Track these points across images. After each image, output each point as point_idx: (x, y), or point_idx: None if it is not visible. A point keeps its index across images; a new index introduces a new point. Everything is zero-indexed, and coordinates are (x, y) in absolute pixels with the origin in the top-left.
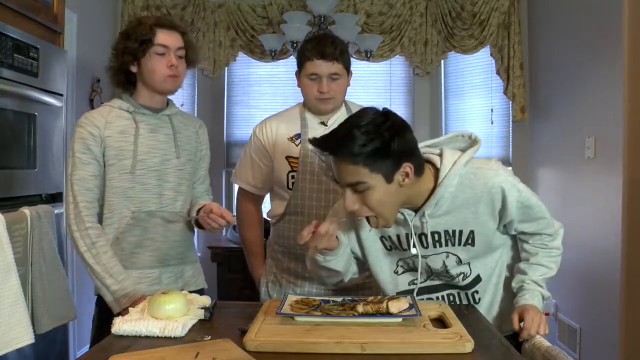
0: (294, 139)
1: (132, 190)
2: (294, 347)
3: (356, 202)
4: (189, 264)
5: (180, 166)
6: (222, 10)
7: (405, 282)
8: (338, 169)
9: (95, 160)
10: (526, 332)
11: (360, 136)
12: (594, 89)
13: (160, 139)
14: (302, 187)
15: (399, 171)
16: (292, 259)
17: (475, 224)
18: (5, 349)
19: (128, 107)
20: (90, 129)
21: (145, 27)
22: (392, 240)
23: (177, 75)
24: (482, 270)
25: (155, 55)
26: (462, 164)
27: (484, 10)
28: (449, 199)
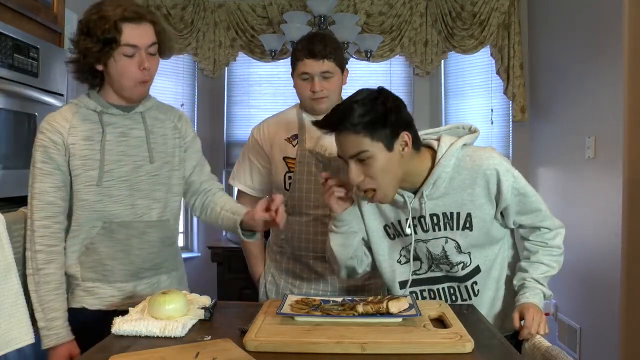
0: (291, 140)
1: (100, 204)
2: (294, 347)
3: (361, 174)
4: (165, 273)
5: (154, 172)
6: (222, 10)
7: (406, 272)
8: (341, 144)
9: (58, 169)
10: (526, 331)
11: (358, 108)
12: (594, 89)
13: (132, 143)
14: (300, 187)
15: (398, 140)
16: (291, 260)
17: (472, 206)
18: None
19: (95, 107)
20: (51, 135)
21: (108, 22)
22: (395, 228)
23: (148, 79)
24: (482, 262)
25: (122, 57)
26: (459, 147)
27: (484, 10)
28: (447, 180)
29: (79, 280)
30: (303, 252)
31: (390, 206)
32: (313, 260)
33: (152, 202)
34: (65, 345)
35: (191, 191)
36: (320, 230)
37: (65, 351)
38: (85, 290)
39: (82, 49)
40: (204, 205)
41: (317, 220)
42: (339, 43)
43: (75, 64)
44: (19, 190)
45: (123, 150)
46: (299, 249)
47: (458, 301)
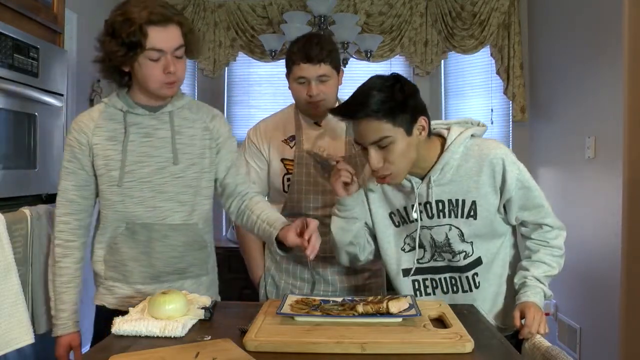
0: (288, 141)
1: (122, 204)
2: (294, 347)
3: (381, 160)
4: (192, 278)
5: (178, 173)
6: (222, 10)
7: (410, 260)
8: (361, 131)
9: (82, 169)
10: (527, 330)
11: (378, 94)
12: (594, 89)
13: (155, 144)
14: (299, 189)
15: (416, 125)
16: (291, 261)
17: (477, 194)
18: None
19: (122, 107)
20: (77, 135)
21: (134, 25)
22: (400, 214)
23: (175, 80)
24: (484, 254)
25: (148, 61)
26: (468, 135)
27: (484, 10)
28: (454, 166)
29: (102, 278)
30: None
31: (396, 193)
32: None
33: (177, 204)
34: (68, 336)
35: (226, 194)
36: (320, 231)
37: (66, 342)
38: (106, 288)
39: (107, 51)
40: (239, 210)
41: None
42: (335, 44)
43: (102, 64)
44: (19, 190)
45: (145, 151)
46: (299, 249)
47: (459, 292)
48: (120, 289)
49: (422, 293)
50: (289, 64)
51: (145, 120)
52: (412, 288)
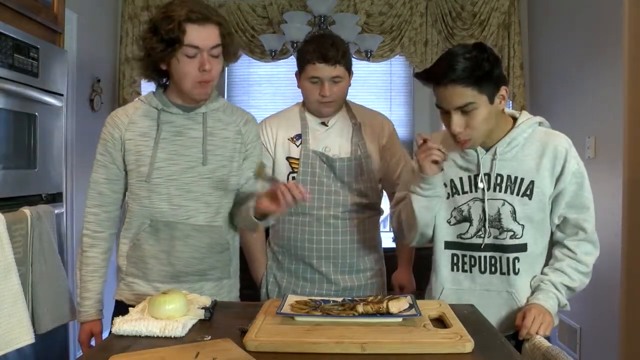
0: (294, 140)
1: (148, 200)
2: (294, 347)
3: (463, 124)
4: (213, 280)
5: (207, 174)
6: (222, 10)
7: (453, 233)
8: (446, 96)
9: (113, 163)
10: (524, 331)
11: (466, 62)
12: (594, 89)
13: (186, 144)
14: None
15: (498, 93)
16: (293, 260)
17: (537, 175)
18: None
19: (157, 105)
20: (111, 129)
21: (173, 22)
22: (454, 184)
23: (209, 80)
24: (531, 242)
25: (184, 57)
26: (537, 121)
27: (484, 10)
28: (520, 144)
29: (123, 274)
30: (307, 253)
31: (451, 163)
32: (317, 261)
33: (203, 205)
34: (90, 323)
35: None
36: (323, 230)
37: (88, 328)
38: (126, 284)
39: (147, 47)
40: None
41: (321, 220)
42: (347, 46)
43: (142, 63)
44: (19, 190)
45: (175, 150)
46: (302, 249)
47: (497, 273)
48: (139, 286)
49: (459, 269)
50: (302, 63)
51: (178, 120)
52: (450, 262)
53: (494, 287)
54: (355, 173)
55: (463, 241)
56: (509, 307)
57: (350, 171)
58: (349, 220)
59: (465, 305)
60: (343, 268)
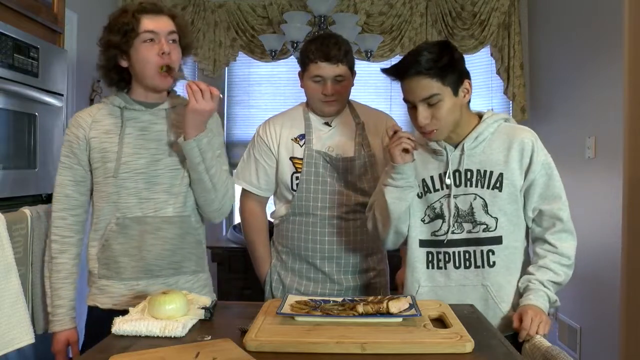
0: (298, 140)
1: (116, 195)
2: (294, 347)
3: (429, 116)
4: (189, 274)
5: (174, 165)
6: (222, 10)
7: (428, 231)
8: (412, 89)
9: (79, 164)
10: (524, 332)
11: (429, 54)
12: (594, 89)
13: (151, 137)
14: (307, 188)
15: (462, 86)
16: (296, 260)
17: (505, 168)
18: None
19: (120, 103)
20: (75, 130)
21: (128, 15)
22: (425, 184)
23: (170, 64)
24: (506, 235)
25: (143, 44)
26: (503, 117)
27: (484, 10)
28: (487, 139)
29: (95, 277)
30: (310, 253)
31: (422, 163)
32: (320, 261)
33: (170, 196)
34: (65, 332)
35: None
36: (327, 231)
37: (63, 338)
38: (99, 288)
39: (105, 44)
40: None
41: (324, 220)
42: (351, 46)
43: (103, 66)
44: (19, 190)
45: (141, 144)
46: (306, 249)
47: (471, 267)
48: (114, 288)
49: (435, 266)
50: (305, 62)
51: (142, 116)
52: (426, 260)
53: (468, 282)
54: (359, 173)
55: (437, 238)
56: (484, 301)
57: (354, 171)
58: (352, 221)
59: (465, 305)
60: (346, 268)
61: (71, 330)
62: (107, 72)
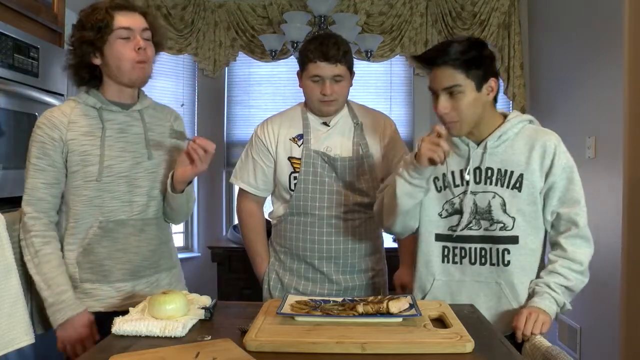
0: (296, 140)
1: (100, 199)
2: (294, 347)
3: (448, 106)
4: (164, 271)
5: (152, 168)
6: (222, 10)
7: (445, 225)
8: (436, 77)
9: (53, 166)
10: (519, 332)
11: (459, 46)
12: (594, 89)
13: (131, 140)
14: (305, 188)
15: (486, 84)
16: (295, 260)
17: (526, 168)
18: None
19: (95, 103)
20: (49, 131)
21: (101, 11)
22: (445, 179)
23: (145, 60)
24: (523, 236)
25: (118, 40)
26: (527, 119)
27: (484, 10)
28: (510, 139)
29: (77, 282)
30: (308, 253)
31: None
32: (318, 261)
33: (150, 199)
34: (80, 315)
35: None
36: (325, 231)
37: (84, 319)
38: (84, 292)
39: (77, 41)
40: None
41: (323, 220)
42: (349, 46)
43: (73, 64)
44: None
45: (122, 147)
46: (304, 249)
47: (487, 264)
48: (100, 290)
49: (450, 260)
50: (304, 61)
51: (118, 117)
52: (442, 254)
53: (483, 278)
54: (357, 173)
55: (454, 233)
56: (497, 298)
57: (352, 171)
58: (350, 221)
59: (465, 305)
60: (344, 268)
61: (85, 311)
62: (77, 71)
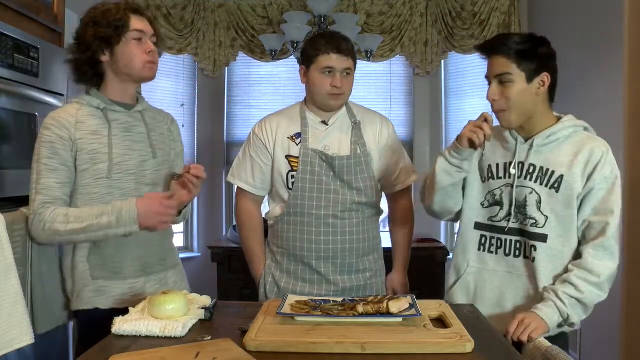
0: (294, 138)
1: (110, 196)
2: (294, 347)
3: (498, 93)
4: (171, 269)
5: (157, 167)
6: (222, 10)
7: (485, 215)
8: (491, 65)
9: (64, 165)
10: (508, 336)
11: (517, 37)
12: (594, 89)
13: (135, 139)
14: (302, 187)
15: (538, 77)
16: (292, 261)
17: (567, 170)
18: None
19: (99, 104)
20: (58, 131)
21: (118, 11)
22: (490, 170)
23: (154, 61)
24: (553, 236)
25: (132, 40)
26: (582, 125)
27: (484, 10)
28: (559, 141)
29: (88, 279)
30: (306, 253)
31: (492, 150)
32: (316, 261)
33: None
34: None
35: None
36: (322, 230)
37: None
38: (96, 290)
39: (90, 37)
40: None
41: (320, 220)
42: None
43: (76, 61)
44: (19, 190)
45: (128, 145)
46: (302, 249)
47: (520, 257)
48: (112, 287)
49: (486, 249)
50: (313, 55)
51: (122, 117)
52: (479, 242)
53: (515, 271)
54: (355, 171)
55: (493, 224)
56: (526, 292)
57: (350, 169)
58: (348, 220)
59: (465, 305)
60: (342, 268)
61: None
62: (80, 66)
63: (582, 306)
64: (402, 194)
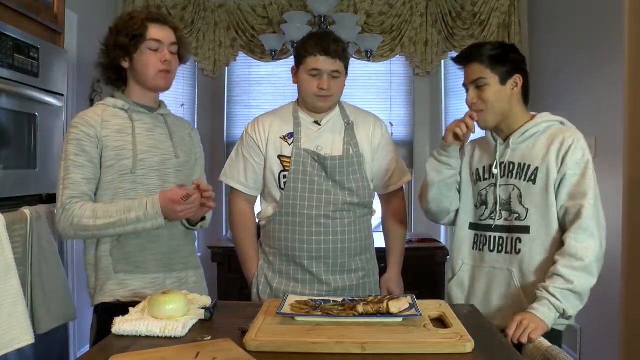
0: (286, 138)
1: (134, 192)
2: (294, 347)
3: (475, 97)
4: (192, 269)
5: (179, 167)
6: (222, 10)
7: (476, 216)
8: (467, 73)
9: (91, 162)
10: (508, 338)
11: (489, 45)
12: (594, 88)
13: (158, 138)
14: (294, 187)
15: (511, 79)
16: (284, 261)
17: (542, 162)
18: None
19: (123, 105)
20: (85, 129)
21: (137, 21)
22: (478, 173)
23: (169, 70)
24: (535, 227)
25: (148, 50)
26: (558, 119)
27: (484, 10)
28: (535, 136)
29: (110, 273)
30: (297, 253)
31: (479, 155)
32: (308, 261)
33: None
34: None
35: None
36: (314, 230)
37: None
38: (118, 283)
39: (111, 44)
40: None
41: (312, 220)
42: (346, 45)
43: (103, 64)
44: (19, 190)
45: (152, 143)
46: (294, 249)
47: (502, 252)
48: (134, 281)
49: (477, 247)
50: (302, 55)
51: (145, 118)
52: (472, 241)
53: (498, 265)
54: (347, 172)
55: (480, 222)
56: (507, 285)
57: (342, 170)
58: (339, 220)
59: (465, 305)
60: (334, 268)
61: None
62: (106, 71)
63: (575, 295)
64: (396, 195)
